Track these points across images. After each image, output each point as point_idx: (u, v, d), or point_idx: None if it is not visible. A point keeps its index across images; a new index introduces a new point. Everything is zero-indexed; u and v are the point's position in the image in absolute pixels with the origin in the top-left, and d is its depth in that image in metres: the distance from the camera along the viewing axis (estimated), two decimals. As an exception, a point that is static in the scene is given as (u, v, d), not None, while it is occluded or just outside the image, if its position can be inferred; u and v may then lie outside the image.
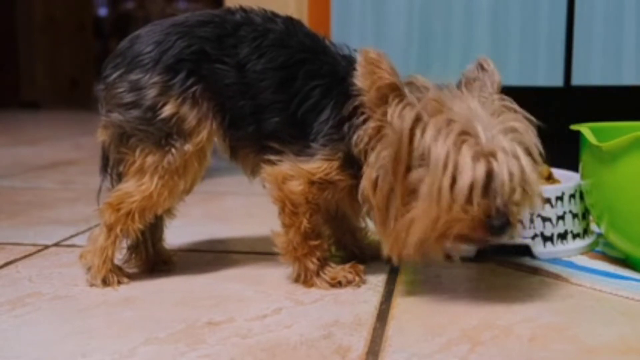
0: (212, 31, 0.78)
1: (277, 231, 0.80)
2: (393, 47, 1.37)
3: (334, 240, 0.89)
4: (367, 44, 0.81)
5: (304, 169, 0.76)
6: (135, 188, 0.78)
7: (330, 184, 0.77)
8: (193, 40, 0.78)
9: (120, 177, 0.82)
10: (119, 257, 0.83)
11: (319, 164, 0.76)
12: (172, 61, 0.77)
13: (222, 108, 0.78)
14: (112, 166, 0.82)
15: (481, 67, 0.76)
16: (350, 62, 0.79)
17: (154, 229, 0.86)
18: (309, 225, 0.78)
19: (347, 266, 0.81)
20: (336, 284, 0.79)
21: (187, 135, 0.77)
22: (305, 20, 1.77)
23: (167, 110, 0.76)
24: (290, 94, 0.77)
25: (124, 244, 0.83)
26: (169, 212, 0.86)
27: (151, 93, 0.76)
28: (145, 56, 0.77)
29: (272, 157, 0.78)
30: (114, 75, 0.78)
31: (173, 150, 0.77)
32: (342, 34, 1.38)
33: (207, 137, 0.78)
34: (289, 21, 0.81)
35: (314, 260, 0.79)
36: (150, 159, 0.77)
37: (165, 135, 0.77)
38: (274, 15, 0.81)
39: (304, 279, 0.79)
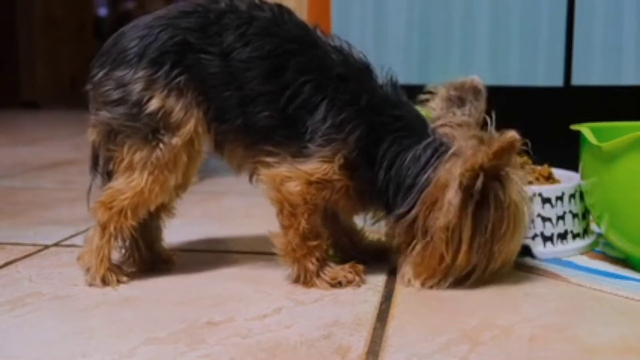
0: (195, 21, 0.78)
1: (275, 232, 0.80)
2: (393, 47, 1.38)
3: (332, 241, 0.89)
4: (367, 44, 0.82)
5: (301, 170, 0.76)
6: (126, 185, 0.78)
7: (329, 183, 0.77)
8: (176, 31, 0.77)
9: (109, 176, 0.82)
10: (118, 258, 0.83)
11: (317, 165, 0.76)
12: (155, 54, 0.76)
13: (206, 98, 0.78)
14: (102, 165, 0.82)
15: (475, 92, 0.79)
16: (343, 55, 0.79)
17: (153, 229, 0.86)
18: (308, 225, 0.77)
19: (346, 266, 0.81)
20: (336, 284, 0.79)
21: (174, 129, 0.77)
22: (305, 20, 1.76)
23: (153, 105, 0.76)
24: (278, 86, 0.76)
25: (120, 244, 0.83)
26: (168, 211, 0.86)
27: (136, 88, 0.76)
28: (129, 52, 0.77)
29: (268, 159, 0.78)
30: (100, 74, 0.78)
31: (161, 144, 0.77)
32: (342, 34, 1.37)
33: (194, 128, 0.77)
34: (277, 9, 0.79)
35: (314, 260, 0.78)
36: (138, 155, 0.77)
37: (152, 130, 0.76)
38: (262, 2, 0.80)
39: (303, 279, 0.79)
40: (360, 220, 0.92)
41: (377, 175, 0.77)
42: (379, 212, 0.82)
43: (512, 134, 0.72)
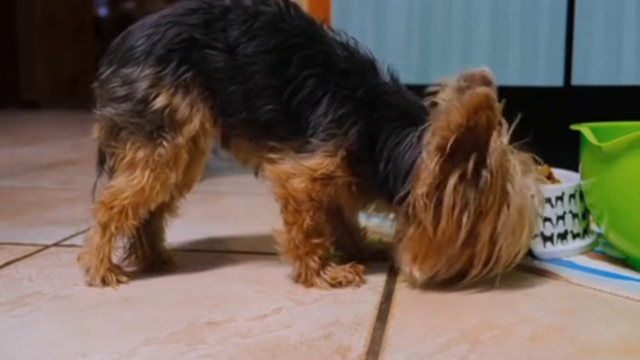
0: (200, 17, 0.78)
1: (279, 229, 0.79)
2: (393, 47, 1.38)
3: (334, 240, 0.89)
4: (367, 43, 0.82)
5: (305, 166, 0.76)
6: (127, 183, 0.78)
7: (332, 178, 0.77)
8: (182, 28, 0.77)
9: (113, 172, 0.81)
10: (118, 255, 0.83)
11: (319, 160, 0.76)
12: (162, 52, 0.77)
13: (213, 93, 0.78)
14: (108, 161, 0.82)
15: (485, 82, 0.75)
16: (348, 50, 0.78)
17: (156, 228, 0.86)
18: (312, 222, 0.77)
19: (347, 266, 0.80)
20: (336, 284, 0.79)
21: (179, 126, 0.77)
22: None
23: (159, 102, 0.76)
24: (282, 80, 0.76)
25: (121, 244, 0.83)
26: (172, 211, 0.86)
27: (143, 85, 0.76)
28: (136, 50, 0.77)
29: (273, 156, 0.78)
30: (108, 72, 0.79)
31: (165, 142, 0.77)
32: (342, 33, 1.38)
33: (200, 124, 0.78)
34: (283, 4, 0.79)
35: (316, 258, 0.78)
36: (141, 153, 0.77)
37: (157, 127, 0.77)
38: None
39: (304, 278, 0.79)
40: (363, 219, 0.92)
41: (378, 167, 0.76)
42: (383, 205, 0.80)
43: (484, 88, 0.69)
